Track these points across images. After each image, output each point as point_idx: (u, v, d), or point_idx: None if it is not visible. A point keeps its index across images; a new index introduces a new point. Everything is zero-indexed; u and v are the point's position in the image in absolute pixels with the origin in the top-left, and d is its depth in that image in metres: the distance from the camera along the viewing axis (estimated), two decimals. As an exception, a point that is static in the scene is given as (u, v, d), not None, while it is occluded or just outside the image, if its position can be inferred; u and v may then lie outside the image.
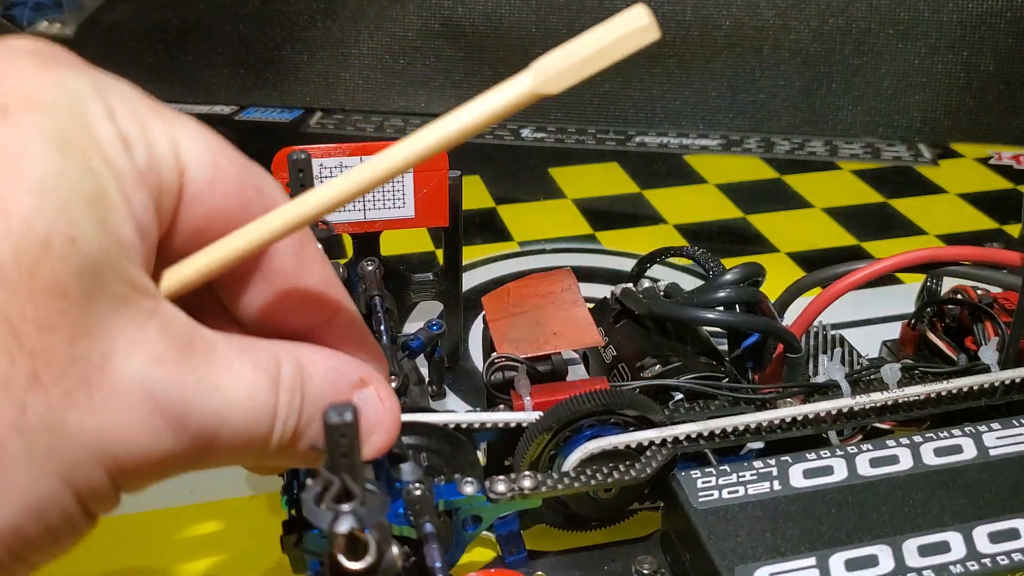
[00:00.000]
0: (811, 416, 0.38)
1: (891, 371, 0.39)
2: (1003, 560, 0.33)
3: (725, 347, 0.43)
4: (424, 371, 0.46)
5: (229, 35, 0.89)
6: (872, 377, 0.40)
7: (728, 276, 0.40)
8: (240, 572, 0.39)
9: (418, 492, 0.30)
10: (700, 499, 0.35)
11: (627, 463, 0.36)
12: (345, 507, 0.21)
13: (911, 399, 0.39)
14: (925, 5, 0.81)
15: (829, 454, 0.37)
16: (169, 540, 0.41)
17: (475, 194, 0.73)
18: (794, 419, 0.38)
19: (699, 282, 0.43)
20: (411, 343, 0.41)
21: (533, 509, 0.36)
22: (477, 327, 0.55)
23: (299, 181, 0.39)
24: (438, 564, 0.29)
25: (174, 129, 0.22)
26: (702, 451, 0.38)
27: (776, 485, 0.35)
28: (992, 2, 0.80)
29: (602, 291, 0.46)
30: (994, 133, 0.83)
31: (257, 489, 0.43)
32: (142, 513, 0.42)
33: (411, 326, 0.47)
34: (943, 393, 0.39)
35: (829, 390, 0.39)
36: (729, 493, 0.35)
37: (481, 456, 0.38)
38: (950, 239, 0.67)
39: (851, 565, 0.32)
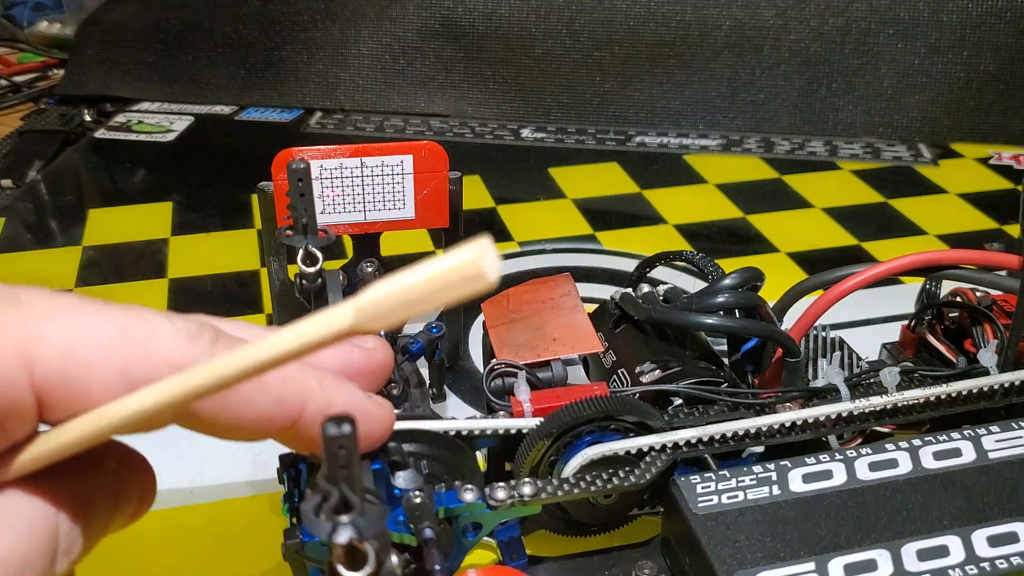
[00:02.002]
0: (810, 420, 0.38)
1: (890, 375, 0.39)
2: (1002, 564, 0.33)
3: (725, 352, 0.43)
4: (424, 373, 0.46)
5: (229, 35, 0.89)
6: (871, 381, 0.40)
7: (727, 281, 0.40)
8: (240, 572, 0.39)
9: (418, 499, 0.30)
10: (700, 504, 0.35)
11: (627, 469, 0.36)
12: (344, 518, 0.21)
13: (910, 403, 0.39)
14: (925, 5, 0.81)
15: (828, 458, 0.37)
16: (169, 540, 0.41)
17: (475, 194, 0.73)
18: (793, 423, 0.38)
19: (700, 282, 0.43)
20: (411, 346, 0.41)
21: (534, 515, 0.36)
22: (477, 327, 0.55)
23: (299, 190, 0.39)
24: (438, 566, 0.29)
25: (28, 342, 0.21)
26: (702, 456, 0.38)
27: (775, 490, 0.35)
28: (992, 2, 0.80)
29: (602, 291, 0.46)
30: (994, 133, 0.83)
31: (257, 489, 0.43)
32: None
33: (411, 326, 0.47)
34: (942, 396, 0.39)
35: (828, 394, 0.39)
36: (729, 498, 0.35)
37: (481, 463, 0.38)
38: (950, 239, 0.67)
39: (850, 570, 0.32)
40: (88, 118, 0.88)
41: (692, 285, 0.45)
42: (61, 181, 0.77)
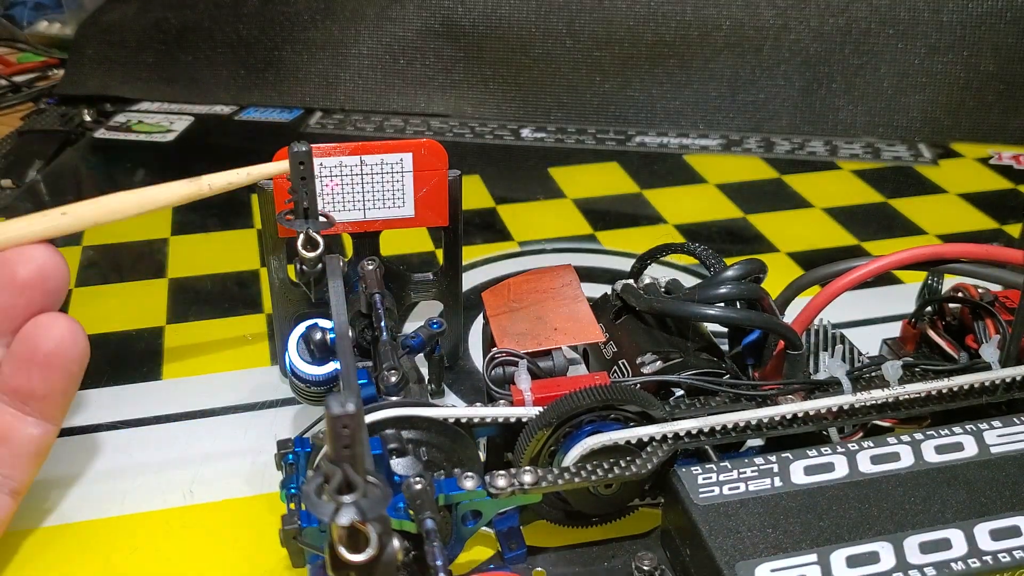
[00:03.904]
0: (812, 413, 0.38)
1: (892, 368, 0.39)
2: (1004, 557, 0.33)
3: (726, 345, 0.43)
4: (424, 371, 0.45)
5: (229, 35, 0.89)
6: (873, 374, 0.40)
7: (729, 272, 0.40)
8: (240, 572, 0.39)
9: (418, 486, 0.30)
10: (701, 495, 0.35)
11: (628, 459, 0.35)
12: (346, 499, 0.21)
13: (912, 396, 0.39)
14: (925, 5, 0.81)
15: (830, 451, 0.37)
16: (169, 541, 0.41)
17: (475, 194, 0.73)
18: (795, 416, 0.38)
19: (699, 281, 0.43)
20: (411, 341, 0.41)
21: (533, 505, 0.36)
22: (477, 327, 0.55)
23: (300, 174, 0.39)
24: (439, 561, 0.29)
25: None
26: (703, 447, 0.38)
27: (777, 482, 0.35)
28: (992, 2, 0.80)
29: (602, 291, 0.46)
30: (994, 133, 0.83)
31: (257, 489, 0.43)
32: (142, 514, 0.42)
33: (411, 325, 0.47)
34: (944, 391, 0.39)
35: (830, 387, 0.39)
36: (730, 489, 0.35)
37: (480, 451, 0.38)
38: (950, 239, 0.67)
39: (852, 562, 0.32)
40: (88, 118, 0.88)
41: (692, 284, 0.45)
42: (61, 181, 0.77)
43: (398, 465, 0.32)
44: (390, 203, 0.45)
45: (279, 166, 0.40)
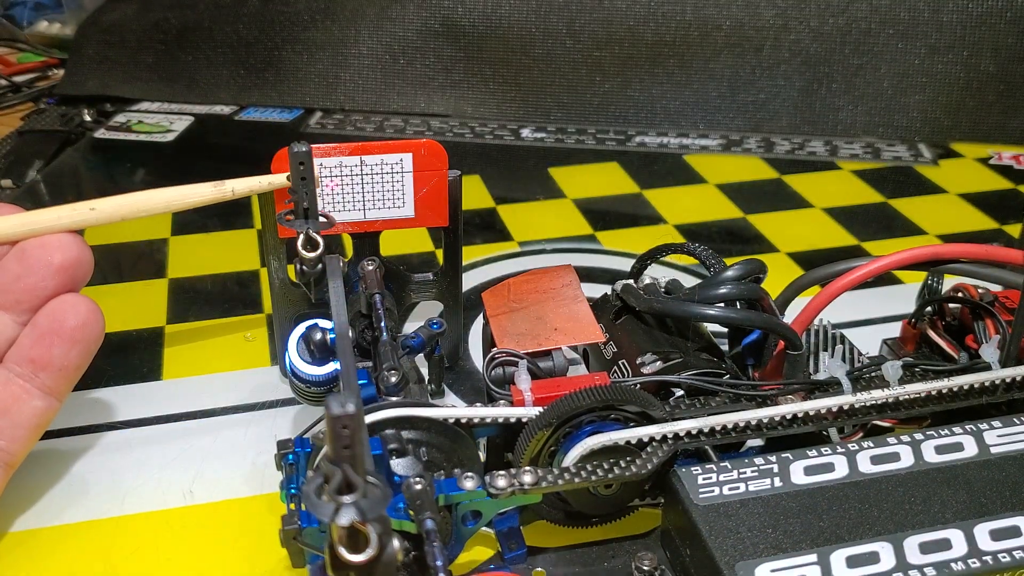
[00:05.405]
0: (812, 413, 0.38)
1: (892, 368, 0.39)
2: (1004, 558, 0.33)
3: (726, 345, 0.43)
4: (424, 371, 0.45)
5: (229, 35, 0.89)
6: (873, 374, 0.40)
7: (729, 272, 0.40)
8: (240, 572, 0.39)
9: (418, 487, 0.30)
10: (701, 495, 0.35)
11: (628, 459, 0.35)
12: (346, 499, 0.21)
13: (912, 397, 0.39)
14: (925, 5, 0.81)
15: (830, 451, 0.37)
16: (169, 541, 0.41)
17: (475, 194, 0.73)
18: (795, 416, 0.38)
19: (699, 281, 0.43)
20: (411, 341, 0.41)
21: (533, 505, 0.36)
22: (477, 327, 0.55)
23: (300, 174, 0.39)
24: (439, 561, 0.29)
25: None
26: (703, 447, 0.38)
27: (777, 482, 0.35)
28: (992, 2, 0.80)
29: (602, 291, 0.46)
30: (994, 133, 0.83)
31: (257, 489, 0.43)
32: (142, 514, 0.42)
33: (411, 326, 0.47)
34: (944, 391, 0.39)
35: (830, 387, 0.39)
36: (730, 489, 0.35)
37: (481, 451, 0.38)
38: (950, 239, 0.67)
39: (852, 562, 0.32)
40: (88, 118, 0.88)
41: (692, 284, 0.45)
42: (61, 181, 0.77)
43: (398, 465, 0.32)
44: (390, 203, 0.45)
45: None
